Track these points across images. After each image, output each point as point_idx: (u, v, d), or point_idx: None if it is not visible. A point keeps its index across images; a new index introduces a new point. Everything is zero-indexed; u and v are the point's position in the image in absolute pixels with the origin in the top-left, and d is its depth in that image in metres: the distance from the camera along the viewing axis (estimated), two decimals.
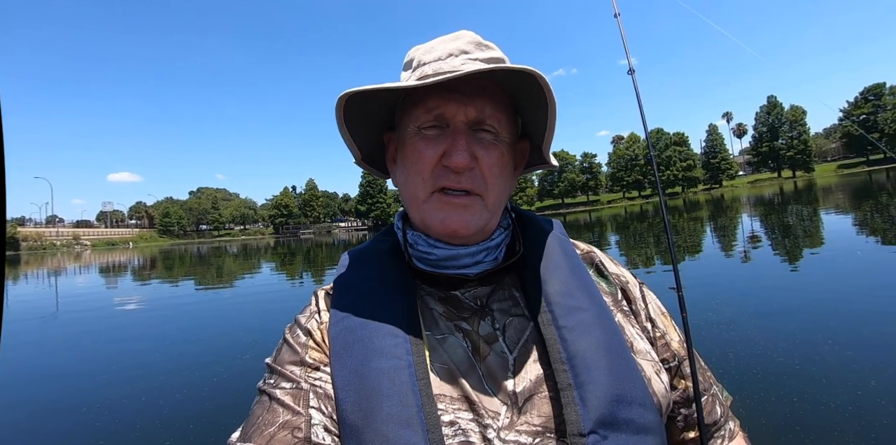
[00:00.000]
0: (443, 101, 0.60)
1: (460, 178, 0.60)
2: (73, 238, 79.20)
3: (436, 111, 0.61)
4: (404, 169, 0.65)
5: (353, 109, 0.63)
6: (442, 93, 0.60)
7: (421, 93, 0.62)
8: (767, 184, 66.23)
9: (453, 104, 0.60)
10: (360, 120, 0.66)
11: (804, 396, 3.07)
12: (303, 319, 0.66)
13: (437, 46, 0.64)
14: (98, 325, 8.38)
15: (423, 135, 0.62)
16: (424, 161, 0.61)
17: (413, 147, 0.63)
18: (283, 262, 20.76)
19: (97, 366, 5.48)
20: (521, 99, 0.63)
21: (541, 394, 0.56)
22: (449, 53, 0.62)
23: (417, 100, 0.62)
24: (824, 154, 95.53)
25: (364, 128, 0.68)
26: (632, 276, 0.74)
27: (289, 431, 0.53)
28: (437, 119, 0.61)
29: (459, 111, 0.60)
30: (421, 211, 0.63)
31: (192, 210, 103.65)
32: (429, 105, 0.61)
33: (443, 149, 0.60)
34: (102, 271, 23.53)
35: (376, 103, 0.65)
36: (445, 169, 0.60)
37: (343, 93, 0.58)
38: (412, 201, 0.64)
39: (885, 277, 5.97)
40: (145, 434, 3.44)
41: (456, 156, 0.58)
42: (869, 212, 13.71)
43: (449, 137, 0.60)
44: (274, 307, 8.81)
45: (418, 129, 0.62)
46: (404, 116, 0.65)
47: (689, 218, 22.21)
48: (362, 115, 0.65)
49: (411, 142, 0.63)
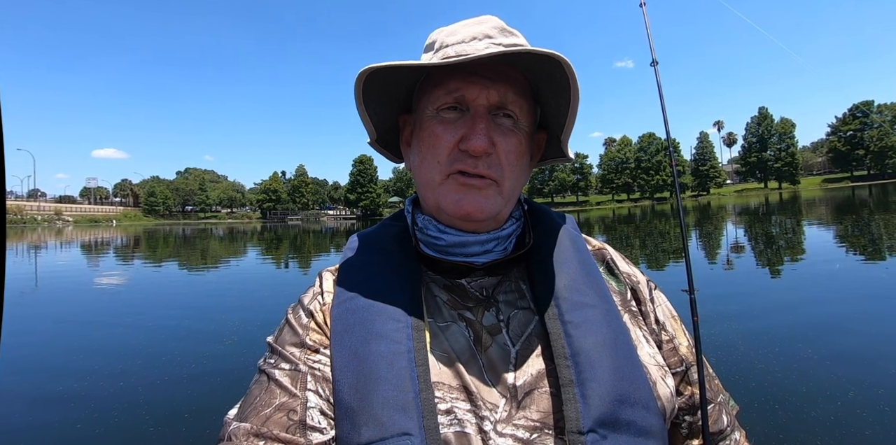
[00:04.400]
0: (464, 84, 0.59)
1: (477, 163, 0.59)
2: (54, 213, 77.57)
3: (456, 93, 0.59)
4: (420, 151, 0.64)
5: (373, 87, 0.61)
6: (464, 76, 0.59)
7: (442, 75, 0.60)
8: (754, 194, 67.22)
9: (475, 87, 0.58)
10: (378, 98, 0.64)
11: (789, 405, 3.14)
12: (306, 300, 0.65)
13: (460, 30, 0.63)
14: (80, 302, 8.27)
15: (441, 117, 0.61)
16: (442, 144, 0.60)
17: (431, 130, 0.61)
18: (270, 247, 20.62)
19: (81, 344, 5.42)
20: (542, 86, 0.62)
21: (541, 389, 0.55)
22: (473, 37, 0.61)
23: (438, 81, 0.61)
24: (810, 167, 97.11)
25: (381, 108, 0.67)
26: (643, 276, 0.73)
27: (284, 413, 0.53)
28: (457, 101, 0.60)
29: (482, 94, 0.59)
30: (436, 193, 0.62)
31: (178, 190, 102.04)
32: (449, 87, 0.60)
33: (461, 133, 0.59)
34: (84, 248, 23.10)
35: (395, 83, 0.63)
36: (463, 153, 0.59)
37: (364, 69, 0.56)
38: (427, 184, 0.63)
39: (864, 289, 6.13)
40: (134, 408, 3.43)
41: (475, 139, 0.57)
42: (850, 226, 14.00)
43: (468, 121, 0.59)
44: (260, 287, 8.75)
45: (437, 112, 0.61)
46: (423, 97, 0.64)
47: (676, 224, 22.47)
48: (381, 94, 0.64)
49: (429, 124, 0.62)
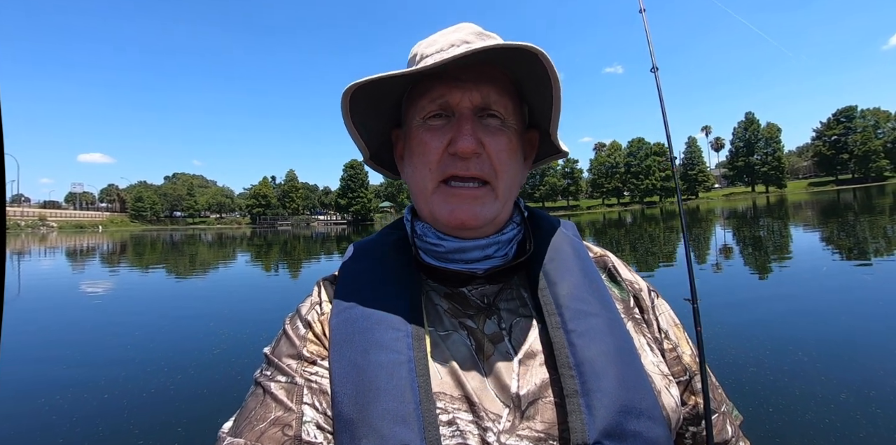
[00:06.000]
0: (447, 89, 0.60)
1: (468, 165, 0.59)
2: (39, 219, 76.37)
3: (440, 100, 0.60)
4: (411, 161, 0.64)
5: (360, 105, 0.62)
6: (446, 82, 0.60)
7: (426, 84, 0.61)
8: (741, 198, 68.09)
9: (457, 90, 0.59)
10: (367, 115, 0.65)
11: (788, 411, 3.15)
12: (304, 309, 0.65)
13: (438, 39, 0.63)
14: (65, 310, 8.10)
15: (427, 125, 0.61)
16: (430, 151, 0.60)
17: (419, 138, 0.62)
18: (260, 253, 20.42)
19: (64, 354, 5.28)
20: (525, 83, 0.62)
21: (545, 399, 0.54)
22: (451, 44, 0.61)
23: (422, 91, 0.62)
24: (796, 171, 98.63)
25: (371, 124, 0.67)
26: (645, 284, 0.72)
27: (279, 428, 0.52)
28: (441, 107, 0.60)
29: (464, 97, 0.59)
30: (429, 203, 0.62)
31: (166, 195, 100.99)
32: (433, 95, 0.60)
33: (448, 138, 0.59)
34: (69, 254, 22.73)
35: (382, 98, 0.64)
36: (452, 157, 0.59)
37: (349, 86, 0.57)
38: (420, 193, 0.63)
39: (851, 292, 6.19)
40: (127, 415, 3.35)
41: (462, 141, 0.57)
42: (835, 229, 14.22)
43: (454, 125, 0.60)
44: (251, 293, 8.65)
45: (423, 121, 0.62)
46: (410, 109, 0.65)
47: (666, 228, 22.65)
48: (369, 110, 0.65)
49: (417, 133, 0.62)
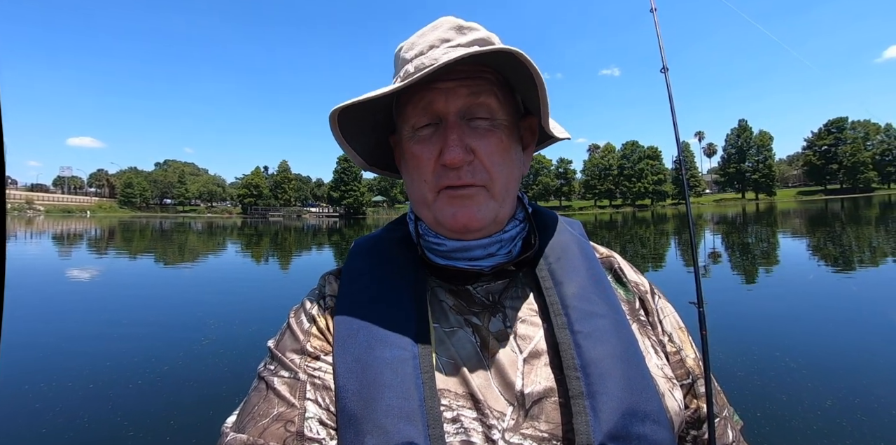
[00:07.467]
0: (431, 95, 0.59)
1: (459, 174, 0.59)
2: (25, 202, 75.27)
3: (427, 108, 0.60)
4: (407, 172, 0.65)
5: (350, 119, 0.62)
6: (429, 87, 0.59)
7: (410, 92, 0.60)
8: (731, 204, 68.75)
9: (441, 96, 0.58)
10: (359, 128, 0.65)
11: (787, 417, 3.20)
12: (308, 304, 0.65)
13: (417, 41, 0.63)
14: (53, 300, 8.02)
15: (417, 137, 0.61)
16: (423, 163, 0.60)
17: (410, 151, 0.62)
18: (251, 243, 20.30)
19: (56, 348, 5.23)
20: (511, 76, 0.61)
21: (550, 399, 0.54)
22: (430, 46, 0.61)
23: (406, 98, 0.61)
24: (786, 179, 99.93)
25: (365, 134, 0.67)
26: (651, 286, 0.71)
27: (282, 424, 0.52)
28: (429, 116, 0.60)
29: (448, 102, 0.58)
30: (433, 210, 0.62)
31: (156, 182, 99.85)
32: (418, 103, 0.60)
33: (439, 148, 0.59)
34: (56, 239, 22.42)
35: (370, 109, 0.63)
36: (444, 167, 0.59)
37: (333, 110, 0.58)
38: (422, 203, 0.63)
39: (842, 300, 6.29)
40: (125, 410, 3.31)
41: (449, 153, 0.57)
42: (822, 238, 14.42)
43: (442, 135, 0.59)
44: (243, 283, 8.61)
45: (414, 132, 0.61)
46: (399, 117, 0.64)
47: (657, 231, 22.84)
48: (360, 123, 0.65)
49: (408, 145, 0.62)
